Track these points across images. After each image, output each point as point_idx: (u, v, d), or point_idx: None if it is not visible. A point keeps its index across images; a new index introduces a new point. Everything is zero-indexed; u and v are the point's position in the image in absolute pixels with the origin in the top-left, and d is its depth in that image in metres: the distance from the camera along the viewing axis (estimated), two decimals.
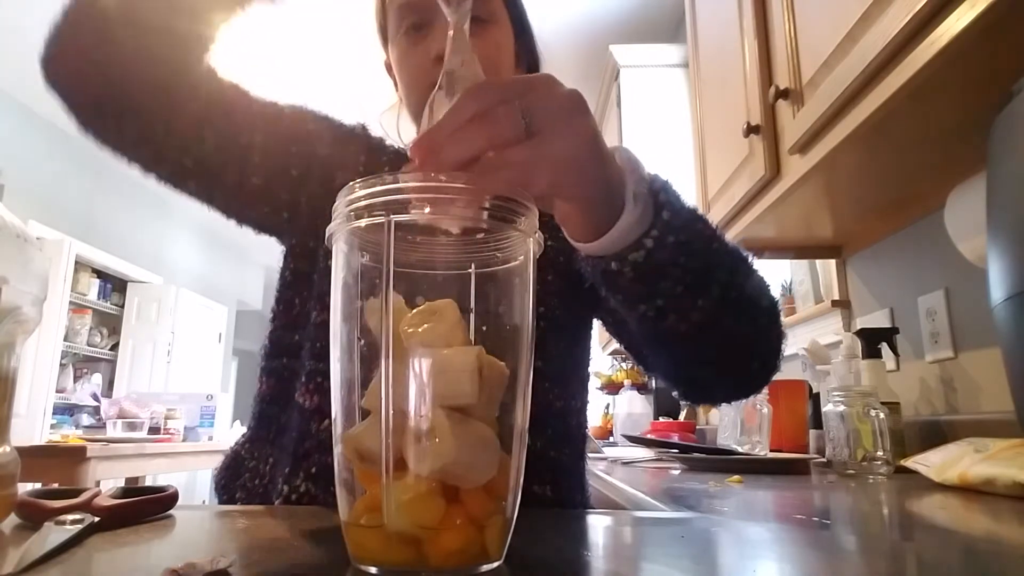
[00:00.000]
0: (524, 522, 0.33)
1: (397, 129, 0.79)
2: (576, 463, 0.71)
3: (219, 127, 0.66)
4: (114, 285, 5.13)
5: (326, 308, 0.66)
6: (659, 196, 0.45)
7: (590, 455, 0.85)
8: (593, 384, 3.26)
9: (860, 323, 1.43)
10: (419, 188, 0.31)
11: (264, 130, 0.68)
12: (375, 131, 0.78)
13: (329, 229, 0.33)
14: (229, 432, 3.51)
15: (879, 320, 1.36)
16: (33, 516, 0.40)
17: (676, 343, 0.54)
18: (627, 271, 0.45)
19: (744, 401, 1.33)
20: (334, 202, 0.33)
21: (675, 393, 0.68)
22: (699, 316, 0.50)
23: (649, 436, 1.89)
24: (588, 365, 0.75)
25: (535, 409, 0.34)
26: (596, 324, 0.76)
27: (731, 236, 1.31)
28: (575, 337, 0.73)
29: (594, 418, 3.25)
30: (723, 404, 0.74)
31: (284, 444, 0.66)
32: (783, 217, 1.25)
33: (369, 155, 0.73)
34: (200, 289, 5.73)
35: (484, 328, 0.33)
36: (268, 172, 0.68)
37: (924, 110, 0.83)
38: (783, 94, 1.06)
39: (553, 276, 0.68)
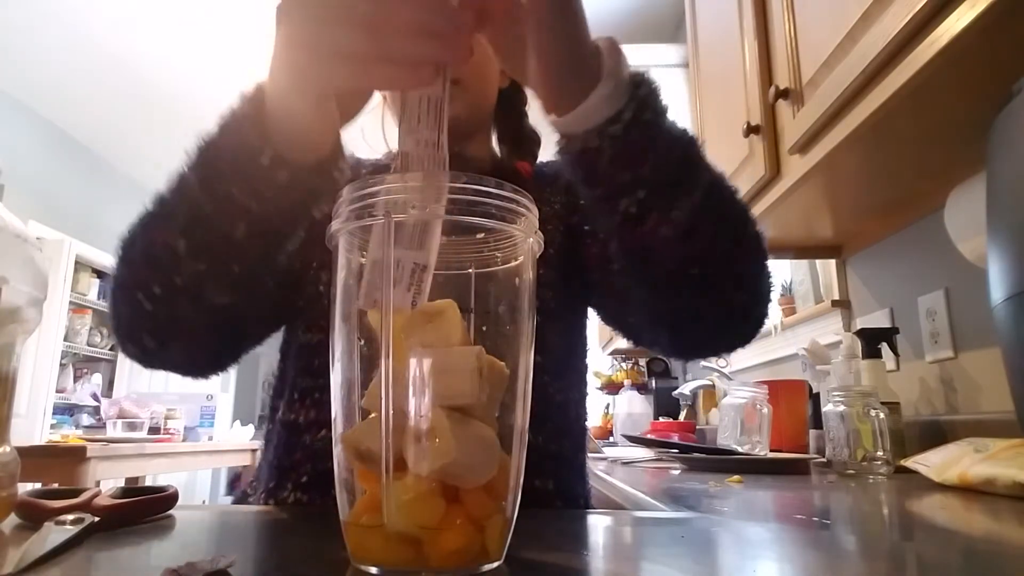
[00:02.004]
0: (524, 522, 0.33)
1: (382, 128, 0.79)
2: (576, 455, 0.71)
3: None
4: None
5: (322, 330, 0.66)
6: (635, 77, 0.46)
7: (590, 455, 0.85)
8: (593, 383, 3.27)
9: (860, 323, 1.43)
10: (419, 188, 0.31)
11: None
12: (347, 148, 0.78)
13: (329, 229, 0.33)
14: (229, 432, 3.50)
15: (879, 320, 1.36)
16: (33, 516, 0.40)
17: (659, 256, 0.52)
18: (606, 148, 0.45)
19: (744, 401, 1.33)
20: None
21: (662, 345, 0.63)
22: (682, 216, 0.48)
23: (649, 436, 1.89)
24: (585, 356, 0.75)
25: (535, 404, 0.34)
26: (593, 324, 0.76)
27: None
28: (571, 329, 0.73)
29: (594, 418, 3.25)
30: (714, 356, 0.65)
31: (268, 460, 0.66)
32: (783, 217, 1.25)
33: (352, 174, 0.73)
34: None
35: (484, 328, 0.33)
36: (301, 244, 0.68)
37: (924, 110, 0.83)
38: (783, 94, 1.06)
39: (545, 269, 0.68)
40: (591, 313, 0.76)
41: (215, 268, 0.49)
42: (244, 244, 0.48)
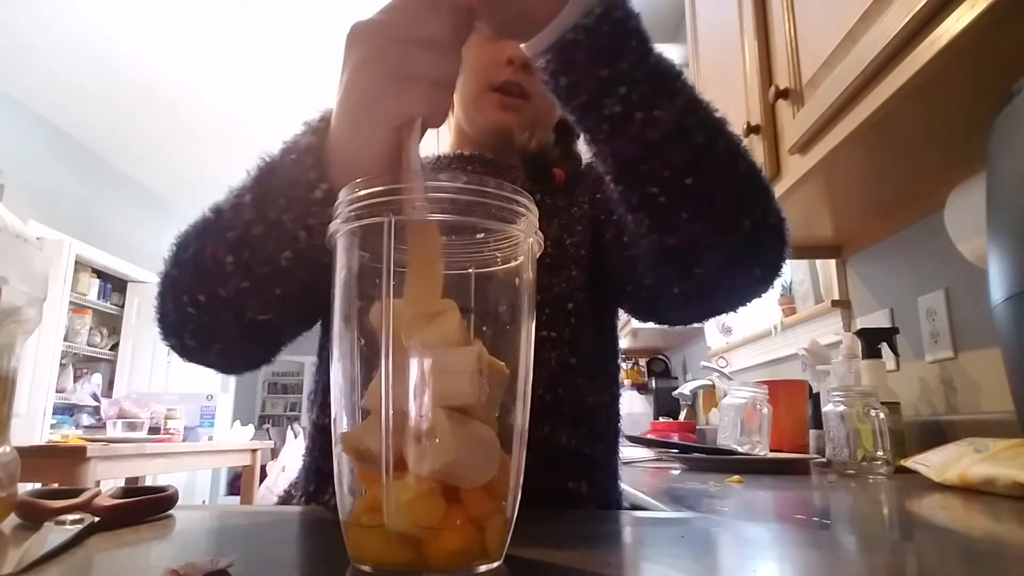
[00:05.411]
0: (525, 522, 0.33)
1: None
2: (610, 457, 0.70)
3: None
4: (114, 285, 5.13)
5: None
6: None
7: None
8: None
9: (860, 323, 1.43)
10: (419, 188, 0.31)
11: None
12: None
13: (330, 229, 0.33)
14: (229, 432, 3.50)
15: (879, 320, 1.36)
16: (33, 516, 0.40)
17: (651, 164, 0.49)
18: (581, 39, 0.44)
19: (744, 401, 1.33)
20: None
21: (676, 302, 0.59)
22: (666, 116, 0.47)
23: (649, 436, 1.89)
24: (617, 358, 0.75)
25: (569, 407, 0.34)
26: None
27: None
28: (603, 330, 0.72)
29: None
30: (731, 309, 0.62)
31: (307, 464, 0.67)
32: None
33: None
34: None
35: (484, 328, 0.33)
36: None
37: (924, 110, 0.83)
38: (783, 94, 1.06)
39: (578, 271, 0.68)
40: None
41: (258, 287, 0.50)
42: (289, 270, 0.49)
